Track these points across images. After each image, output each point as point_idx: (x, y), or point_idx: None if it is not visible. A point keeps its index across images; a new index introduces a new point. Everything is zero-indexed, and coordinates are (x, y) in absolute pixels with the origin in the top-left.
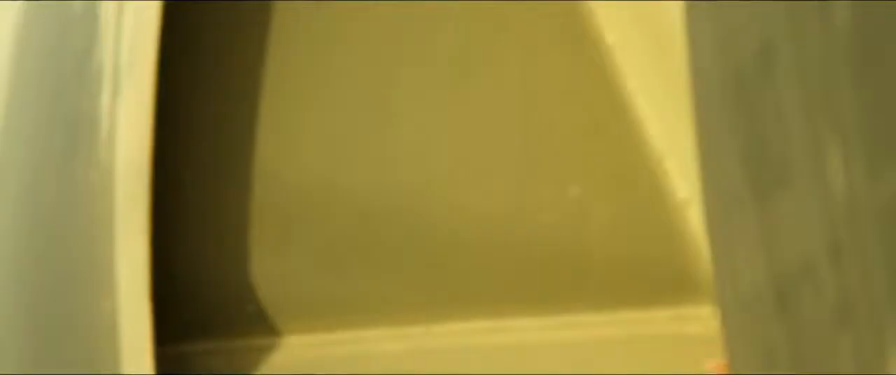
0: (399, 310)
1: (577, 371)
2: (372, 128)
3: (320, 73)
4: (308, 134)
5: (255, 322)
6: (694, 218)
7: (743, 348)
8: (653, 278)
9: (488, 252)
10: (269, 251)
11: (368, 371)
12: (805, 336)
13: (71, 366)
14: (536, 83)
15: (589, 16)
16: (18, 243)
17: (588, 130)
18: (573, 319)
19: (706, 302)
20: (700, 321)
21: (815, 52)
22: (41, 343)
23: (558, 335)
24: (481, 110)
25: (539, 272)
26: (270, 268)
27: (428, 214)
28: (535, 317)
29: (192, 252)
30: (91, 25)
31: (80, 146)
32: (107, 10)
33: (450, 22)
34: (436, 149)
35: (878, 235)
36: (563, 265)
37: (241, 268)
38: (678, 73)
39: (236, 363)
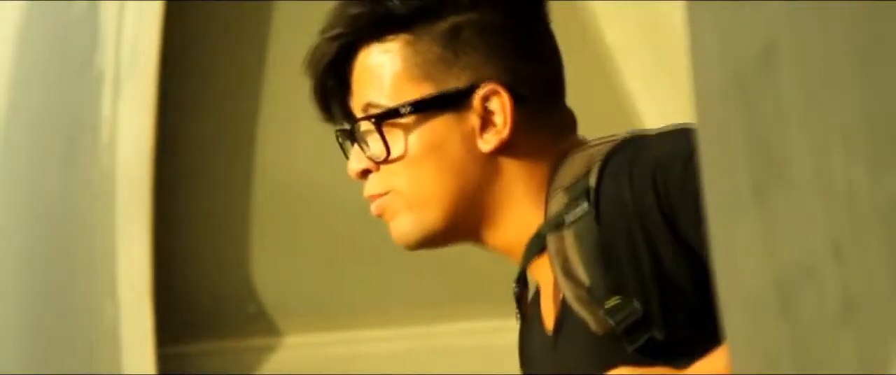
0: (399, 310)
1: None
2: None
3: None
4: (308, 134)
5: (255, 323)
6: None
7: (744, 348)
8: None
9: (488, 252)
10: (269, 251)
11: (368, 371)
12: (807, 336)
13: (73, 366)
14: None
15: (589, 16)
16: (20, 244)
17: (588, 130)
18: None
19: None
20: None
21: (817, 51)
22: (43, 344)
23: None
24: None
25: None
26: (270, 268)
27: None
28: None
29: (193, 252)
30: (92, 26)
31: (82, 146)
32: (108, 11)
33: None
34: None
35: (880, 234)
36: None
37: (241, 269)
38: (679, 73)
39: (237, 363)
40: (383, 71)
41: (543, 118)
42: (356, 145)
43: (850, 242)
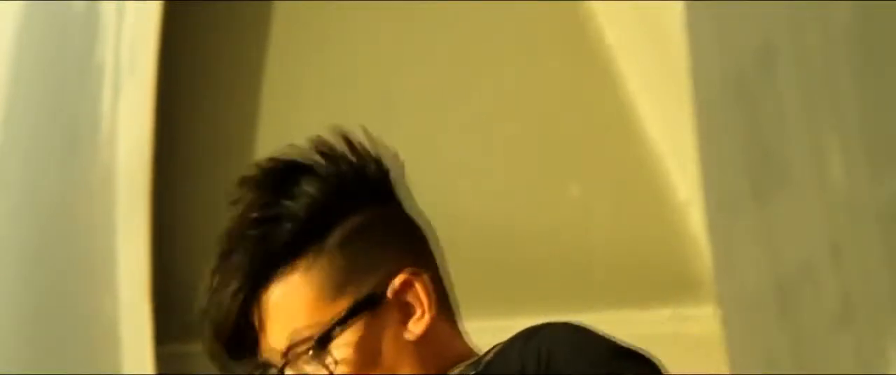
0: None
1: None
2: (372, 127)
3: (320, 73)
4: (308, 133)
5: None
6: (694, 219)
7: (744, 348)
8: (653, 278)
9: (489, 252)
10: None
11: None
12: (806, 337)
13: (72, 365)
14: (536, 83)
15: (589, 16)
16: (20, 242)
17: (588, 130)
18: (574, 318)
19: (706, 302)
20: (700, 320)
21: (816, 52)
22: (42, 343)
23: None
24: (481, 110)
25: (540, 272)
26: None
27: (428, 213)
28: (536, 317)
29: (193, 252)
30: (92, 25)
31: (81, 145)
32: (108, 10)
33: (450, 22)
34: (436, 149)
35: (878, 235)
36: (564, 265)
37: None
38: (678, 73)
39: None
40: (296, 302)
41: (448, 309)
42: None
43: (848, 243)
